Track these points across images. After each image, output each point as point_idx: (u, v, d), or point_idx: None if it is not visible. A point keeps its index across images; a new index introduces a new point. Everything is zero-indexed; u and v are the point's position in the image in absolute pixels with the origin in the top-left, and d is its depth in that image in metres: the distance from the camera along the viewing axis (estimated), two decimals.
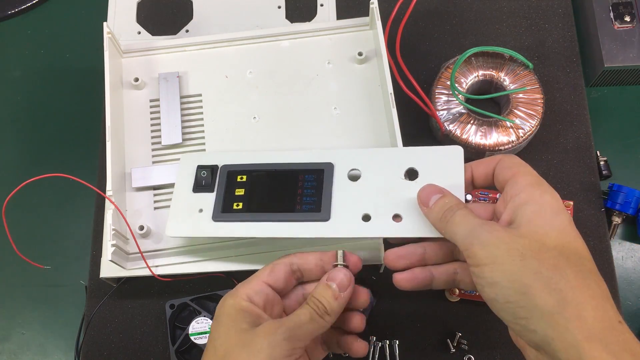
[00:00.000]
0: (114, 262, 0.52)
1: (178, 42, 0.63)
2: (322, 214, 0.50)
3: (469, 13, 0.70)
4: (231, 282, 0.59)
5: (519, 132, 0.61)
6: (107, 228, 0.51)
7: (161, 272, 0.56)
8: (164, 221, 0.56)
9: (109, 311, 0.59)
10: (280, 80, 0.62)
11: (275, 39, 0.64)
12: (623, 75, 0.67)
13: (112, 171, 0.55)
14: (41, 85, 0.71)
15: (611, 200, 0.61)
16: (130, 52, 0.63)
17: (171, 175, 0.58)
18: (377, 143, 0.59)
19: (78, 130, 0.69)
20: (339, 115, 0.60)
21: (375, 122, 0.60)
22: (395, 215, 0.49)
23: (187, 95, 0.62)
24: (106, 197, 0.53)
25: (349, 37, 0.63)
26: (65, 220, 0.65)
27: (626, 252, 0.63)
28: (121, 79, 0.62)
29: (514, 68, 0.63)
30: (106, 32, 0.59)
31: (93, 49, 0.71)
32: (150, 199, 0.58)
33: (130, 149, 0.59)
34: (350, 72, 0.62)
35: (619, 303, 0.58)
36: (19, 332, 0.61)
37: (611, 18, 0.67)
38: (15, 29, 0.74)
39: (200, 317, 0.56)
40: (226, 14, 0.70)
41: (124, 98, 0.61)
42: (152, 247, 0.56)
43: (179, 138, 0.59)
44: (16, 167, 0.68)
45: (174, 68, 0.62)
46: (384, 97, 0.60)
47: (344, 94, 0.61)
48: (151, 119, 0.61)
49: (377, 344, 0.57)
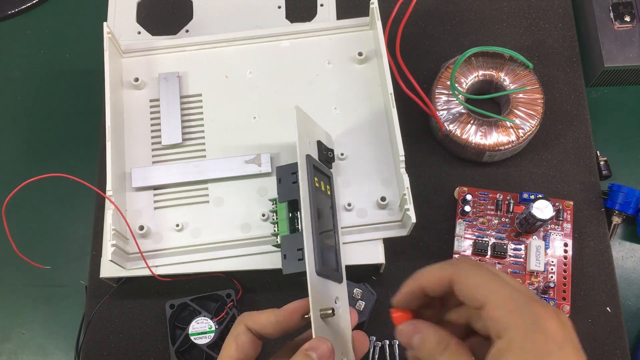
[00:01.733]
0: (114, 262, 0.52)
1: (178, 42, 0.63)
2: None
3: (469, 13, 0.70)
4: (231, 282, 0.59)
5: (519, 132, 0.61)
6: (107, 228, 0.52)
7: (161, 272, 0.56)
8: (164, 221, 0.56)
9: (109, 311, 0.59)
10: (280, 80, 0.62)
11: (275, 39, 0.64)
12: (623, 75, 0.67)
13: (112, 171, 0.55)
14: (41, 85, 0.71)
15: (611, 200, 0.61)
16: (130, 52, 0.63)
17: (171, 175, 0.58)
18: (377, 143, 0.59)
19: (78, 130, 0.69)
20: (339, 115, 0.60)
21: (375, 122, 0.60)
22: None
23: (187, 95, 0.62)
24: (106, 197, 0.53)
25: (349, 37, 0.63)
26: (65, 220, 0.65)
27: (626, 252, 0.63)
28: (121, 79, 0.62)
29: (514, 68, 0.63)
30: (106, 32, 0.59)
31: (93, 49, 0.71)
32: (150, 199, 0.58)
33: (130, 149, 0.59)
34: (350, 72, 0.62)
35: (619, 303, 0.58)
36: (19, 332, 0.61)
37: (611, 18, 0.67)
38: (15, 29, 0.74)
39: (200, 317, 0.56)
40: (226, 14, 0.70)
41: (124, 98, 0.61)
42: (152, 247, 0.56)
43: (179, 138, 0.59)
44: (16, 167, 0.68)
45: (173, 68, 0.62)
46: (384, 97, 0.60)
47: (344, 94, 0.61)
48: (151, 119, 0.61)
49: (377, 344, 0.57)
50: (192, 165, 0.58)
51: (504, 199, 0.61)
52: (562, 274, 0.58)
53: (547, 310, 0.31)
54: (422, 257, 0.60)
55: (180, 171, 0.58)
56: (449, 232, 0.60)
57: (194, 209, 0.57)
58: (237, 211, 0.57)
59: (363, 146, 0.59)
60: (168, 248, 0.56)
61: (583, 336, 0.57)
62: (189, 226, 0.57)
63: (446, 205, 0.61)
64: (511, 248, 0.59)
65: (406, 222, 0.55)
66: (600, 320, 0.58)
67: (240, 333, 0.41)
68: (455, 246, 0.59)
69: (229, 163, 0.58)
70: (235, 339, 0.41)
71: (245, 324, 0.41)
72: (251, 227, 0.56)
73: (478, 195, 0.61)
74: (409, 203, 0.53)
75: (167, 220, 0.57)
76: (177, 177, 0.58)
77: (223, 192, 0.58)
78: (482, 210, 0.60)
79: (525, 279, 0.58)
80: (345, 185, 0.57)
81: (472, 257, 0.59)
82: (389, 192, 0.57)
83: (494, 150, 0.61)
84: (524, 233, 0.59)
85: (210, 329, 0.55)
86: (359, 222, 0.56)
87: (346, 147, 0.59)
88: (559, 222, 0.60)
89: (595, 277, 0.59)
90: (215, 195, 0.58)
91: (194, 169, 0.58)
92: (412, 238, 0.61)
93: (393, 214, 0.56)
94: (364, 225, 0.56)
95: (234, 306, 0.57)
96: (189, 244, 0.56)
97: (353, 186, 0.58)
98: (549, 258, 0.59)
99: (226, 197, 0.58)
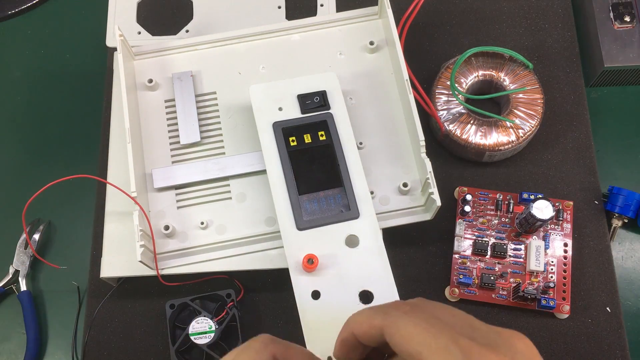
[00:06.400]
0: (143, 262, 0.52)
1: (188, 41, 0.63)
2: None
3: (469, 13, 0.70)
4: (232, 282, 0.59)
5: (518, 132, 0.61)
6: (135, 229, 0.52)
7: (188, 270, 0.56)
8: (188, 220, 0.57)
9: (109, 311, 0.59)
10: (293, 74, 0.62)
11: (285, 33, 0.64)
12: (623, 75, 0.67)
13: (135, 172, 0.54)
14: (41, 86, 0.71)
15: (611, 203, 0.61)
16: (141, 54, 0.63)
17: (192, 174, 0.58)
18: (395, 129, 0.59)
19: (78, 130, 0.69)
20: (354, 105, 0.61)
21: (390, 110, 0.60)
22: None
23: (201, 93, 0.62)
24: (131, 198, 0.53)
25: (358, 27, 0.64)
26: (65, 220, 0.65)
27: (626, 252, 0.63)
28: (134, 81, 0.62)
29: (514, 68, 0.63)
30: (118, 34, 0.59)
31: (93, 49, 0.71)
32: (172, 199, 0.58)
33: (149, 150, 0.59)
34: (362, 62, 0.62)
35: (619, 303, 0.58)
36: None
37: (611, 18, 0.67)
38: (15, 29, 0.74)
39: (200, 317, 0.56)
40: (226, 14, 0.70)
41: (138, 100, 0.61)
42: (178, 246, 0.56)
43: (198, 137, 0.59)
44: (16, 167, 0.67)
45: (186, 67, 0.62)
46: (398, 84, 0.60)
47: (357, 84, 0.61)
48: (167, 119, 0.61)
49: None
50: (212, 162, 0.58)
51: (504, 199, 0.61)
52: (562, 274, 0.58)
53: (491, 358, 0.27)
54: (422, 257, 0.61)
55: (201, 169, 0.58)
56: (449, 232, 0.60)
57: (217, 206, 0.57)
58: (260, 206, 0.57)
59: (381, 134, 0.59)
60: (195, 246, 0.56)
61: (583, 336, 0.57)
62: (214, 223, 0.57)
63: (446, 205, 0.61)
64: (511, 248, 0.59)
65: (430, 206, 0.55)
66: (600, 320, 0.58)
67: (261, 352, 0.32)
68: (455, 246, 0.59)
69: (248, 158, 0.58)
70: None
71: (273, 354, 0.32)
72: (275, 221, 0.56)
73: (478, 195, 0.61)
74: (432, 187, 0.53)
75: (192, 219, 0.57)
76: (199, 175, 0.58)
77: (245, 187, 0.58)
78: (482, 210, 0.60)
79: (525, 279, 0.58)
80: (366, 174, 0.57)
81: (471, 257, 0.59)
82: (410, 178, 0.57)
83: (494, 150, 0.61)
84: (524, 233, 0.59)
85: (210, 329, 0.55)
86: (383, 210, 0.57)
87: (364, 136, 0.59)
88: (558, 222, 0.60)
89: (595, 277, 0.59)
90: (237, 192, 0.58)
91: (215, 166, 0.58)
92: (412, 238, 0.61)
93: (415, 199, 0.57)
94: (387, 212, 0.57)
95: (234, 306, 0.57)
96: (215, 241, 0.56)
97: (374, 174, 0.58)
98: (549, 258, 0.59)
99: (248, 193, 0.58)
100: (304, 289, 0.50)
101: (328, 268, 0.51)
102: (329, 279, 0.50)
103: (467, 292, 0.58)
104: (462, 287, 0.58)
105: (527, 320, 0.58)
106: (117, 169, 0.59)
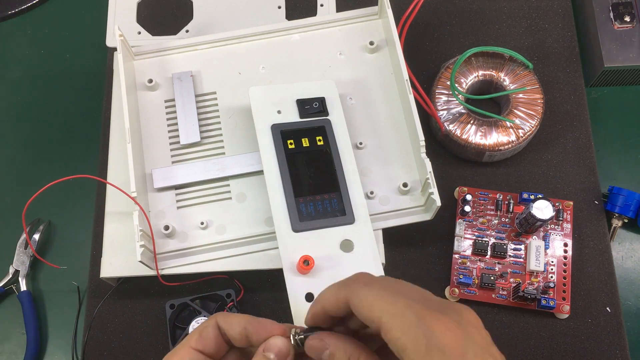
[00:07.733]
0: (143, 262, 0.52)
1: (188, 41, 0.63)
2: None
3: (469, 13, 0.70)
4: (232, 282, 0.59)
5: (518, 132, 0.61)
6: (135, 229, 0.52)
7: (188, 270, 0.56)
8: (188, 220, 0.56)
9: (109, 311, 0.59)
10: (293, 74, 0.62)
11: (285, 33, 0.64)
12: (623, 75, 0.67)
13: (135, 173, 0.54)
14: (41, 85, 0.71)
15: (611, 203, 0.61)
16: (141, 54, 0.63)
17: (192, 174, 0.58)
18: (395, 129, 0.59)
19: (78, 130, 0.69)
20: (354, 105, 0.61)
21: (391, 110, 0.60)
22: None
23: (201, 93, 0.62)
24: (131, 198, 0.53)
25: (358, 27, 0.64)
26: (65, 220, 0.65)
27: (626, 252, 0.63)
28: (134, 81, 0.62)
29: (514, 68, 0.63)
30: (118, 34, 0.59)
31: (93, 49, 0.71)
32: (172, 199, 0.58)
33: (149, 150, 0.59)
34: (362, 62, 0.62)
35: (619, 303, 0.58)
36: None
37: (611, 18, 0.67)
38: (15, 29, 0.74)
39: (200, 317, 0.56)
40: (226, 14, 0.70)
41: (138, 100, 0.61)
42: (178, 246, 0.56)
43: (198, 137, 0.59)
44: (16, 167, 0.68)
45: (185, 68, 0.63)
46: (398, 85, 0.60)
47: (358, 84, 0.61)
48: (167, 119, 0.61)
49: None
50: (212, 162, 0.58)
51: (503, 199, 0.61)
52: (562, 274, 0.58)
53: (441, 322, 0.30)
54: (422, 257, 0.61)
55: (201, 169, 0.58)
56: (449, 232, 0.60)
57: (217, 206, 0.58)
58: (260, 206, 0.57)
59: (381, 134, 0.59)
60: (195, 246, 0.56)
61: (583, 336, 0.57)
62: (214, 223, 0.57)
63: (446, 205, 0.61)
64: (511, 248, 0.59)
65: (430, 206, 0.55)
66: (600, 320, 0.58)
67: (208, 326, 0.38)
68: (455, 246, 0.59)
69: (248, 158, 0.58)
70: (201, 331, 0.38)
71: (216, 319, 0.38)
72: None
73: (478, 195, 0.61)
74: (432, 187, 0.53)
75: (192, 219, 0.57)
76: (198, 175, 0.58)
77: (245, 187, 0.58)
78: (482, 210, 0.60)
79: (525, 279, 0.58)
80: (365, 174, 0.57)
81: (471, 257, 0.59)
82: (410, 178, 0.57)
83: (494, 150, 0.61)
84: (524, 233, 0.59)
85: None
86: (382, 210, 0.57)
87: (364, 136, 0.59)
88: (558, 222, 0.60)
89: (595, 277, 0.59)
90: (237, 191, 0.58)
91: (214, 166, 0.58)
92: (412, 238, 0.61)
93: (415, 200, 0.57)
94: (387, 212, 0.57)
95: (234, 306, 0.57)
96: (215, 241, 0.56)
97: (374, 174, 0.58)
98: (549, 258, 0.59)
99: (248, 193, 0.58)
100: (297, 291, 0.50)
101: (322, 271, 0.51)
102: (323, 281, 0.50)
103: (467, 292, 0.58)
104: (462, 287, 0.58)
105: (527, 320, 0.58)
106: (117, 169, 0.59)
